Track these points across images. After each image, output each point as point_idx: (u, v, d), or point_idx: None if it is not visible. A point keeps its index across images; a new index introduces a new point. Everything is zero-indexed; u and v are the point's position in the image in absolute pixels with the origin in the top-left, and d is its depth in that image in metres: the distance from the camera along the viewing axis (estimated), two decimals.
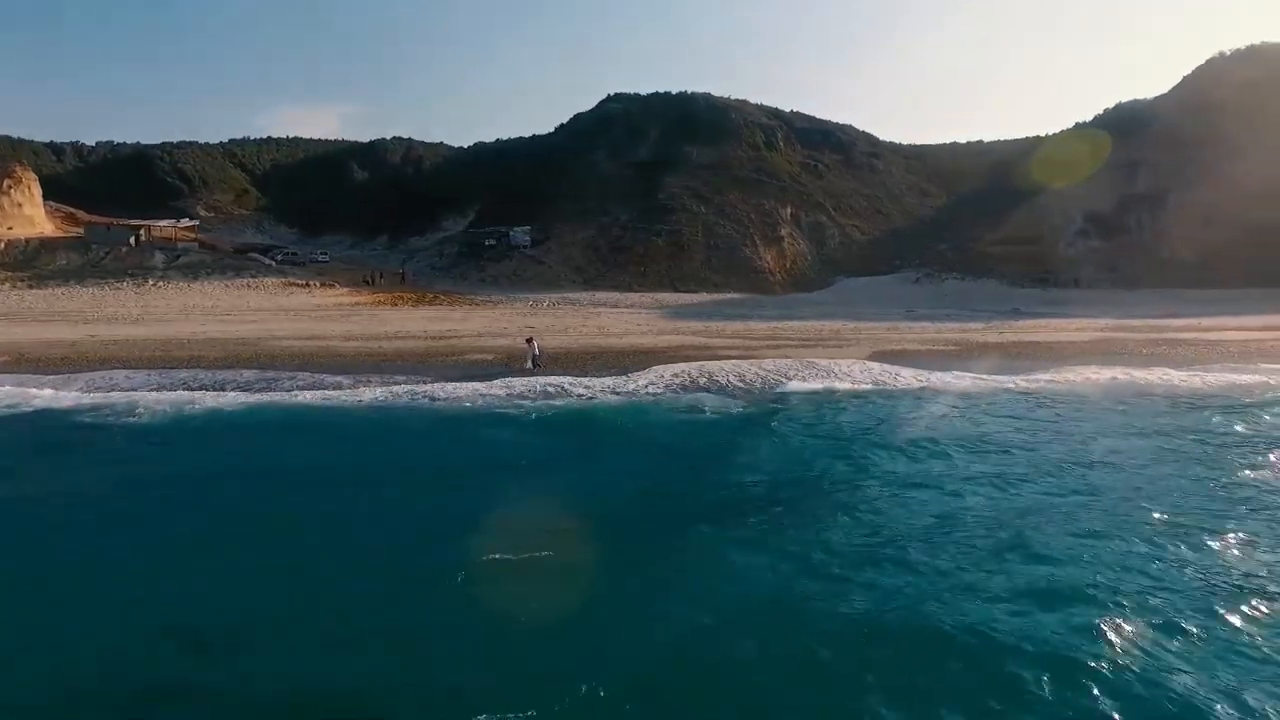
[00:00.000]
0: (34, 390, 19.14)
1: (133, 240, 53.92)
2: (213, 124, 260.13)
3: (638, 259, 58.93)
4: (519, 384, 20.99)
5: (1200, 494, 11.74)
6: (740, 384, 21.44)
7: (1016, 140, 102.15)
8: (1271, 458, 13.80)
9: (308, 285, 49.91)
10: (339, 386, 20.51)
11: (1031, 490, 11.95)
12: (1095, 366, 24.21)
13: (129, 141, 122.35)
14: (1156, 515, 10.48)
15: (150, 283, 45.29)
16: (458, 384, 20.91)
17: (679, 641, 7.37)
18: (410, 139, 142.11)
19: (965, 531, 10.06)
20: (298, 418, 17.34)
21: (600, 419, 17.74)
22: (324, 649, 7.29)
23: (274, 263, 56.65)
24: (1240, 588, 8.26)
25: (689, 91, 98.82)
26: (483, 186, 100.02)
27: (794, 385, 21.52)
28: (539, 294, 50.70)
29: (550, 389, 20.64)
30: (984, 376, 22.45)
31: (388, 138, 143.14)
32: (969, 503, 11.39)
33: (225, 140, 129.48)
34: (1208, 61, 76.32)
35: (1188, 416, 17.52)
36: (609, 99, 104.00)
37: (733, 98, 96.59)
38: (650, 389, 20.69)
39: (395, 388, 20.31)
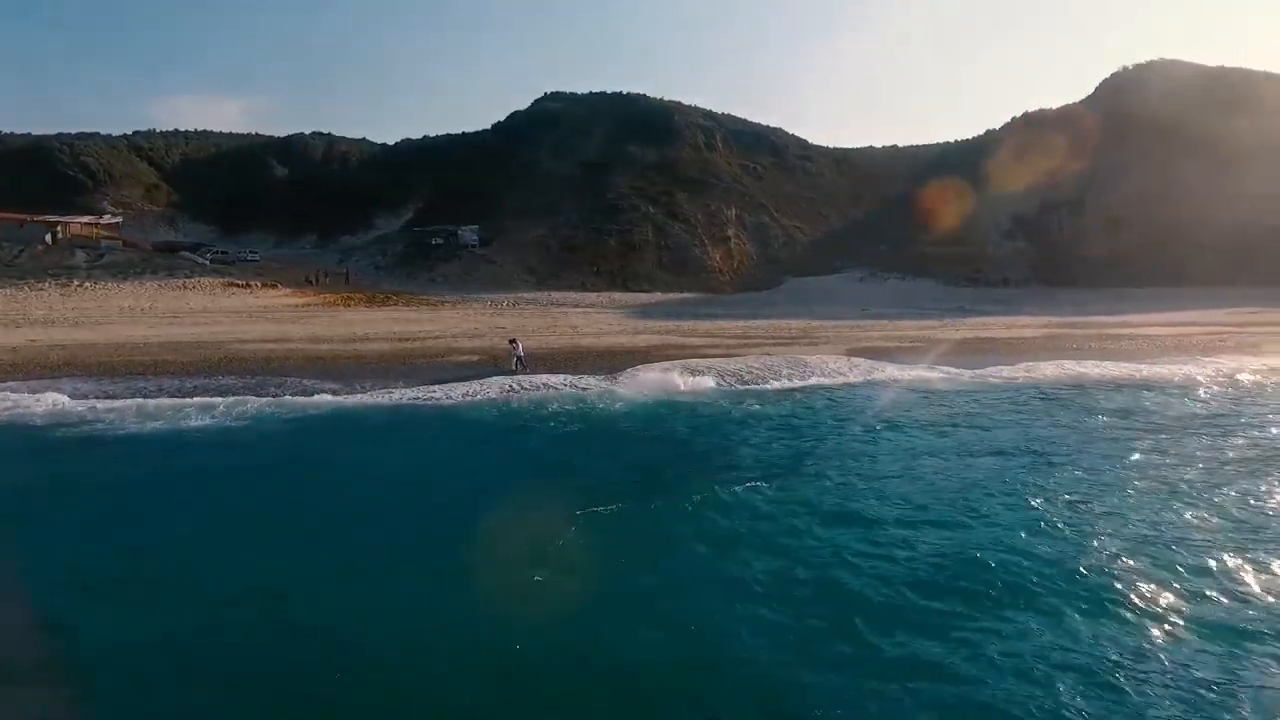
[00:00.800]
0: None
1: (49, 238, 49.93)
2: (96, 114, 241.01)
3: (589, 259, 58.82)
4: (524, 385, 20.80)
5: (1196, 459, 12.86)
6: (739, 382, 21.84)
7: (931, 145, 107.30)
8: (1240, 440, 15.18)
9: (249, 286, 47.49)
10: (336, 392, 19.79)
11: (1045, 463, 12.88)
12: (1059, 361, 25.88)
13: (16, 132, 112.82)
14: (1164, 479, 11.77)
15: (75, 283, 42.03)
16: (456, 386, 20.55)
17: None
18: (331, 134, 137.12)
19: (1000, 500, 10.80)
20: (311, 426, 16.66)
21: (619, 417, 17.74)
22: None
23: (207, 262, 53.66)
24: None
25: (625, 92, 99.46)
26: (419, 184, 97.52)
27: (792, 381, 22.14)
28: (495, 294, 49.90)
29: (554, 389, 20.54)
30: (965, 371, 23.68)
31: (306, 133, 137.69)
32: (983, 474, 12.39)
33: (130, 132, 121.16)
34: (1113, 75, 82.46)
35: (1159, 400, 19.04)
36: (546, 97, 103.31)
37: (666, 99, 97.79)
38: (655, 388, 20.77)
39: (395, 393, 19.80)
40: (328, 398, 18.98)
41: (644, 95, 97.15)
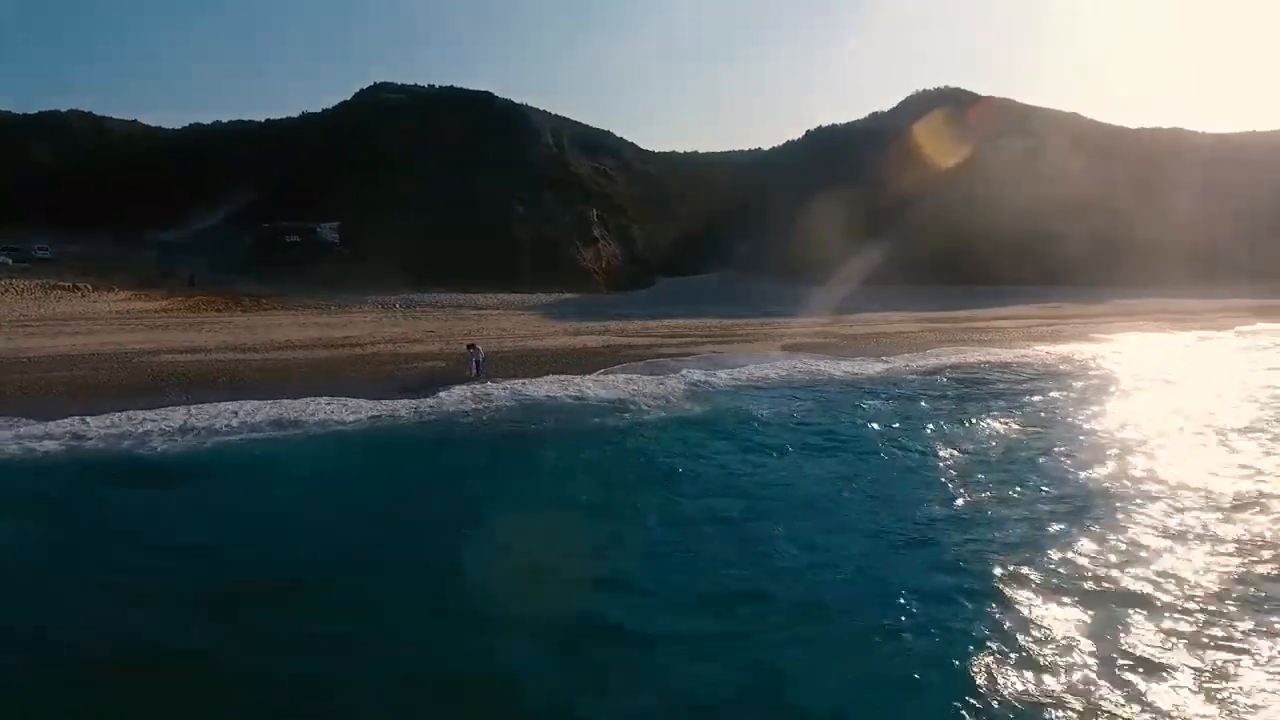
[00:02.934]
0: None
1: None
2: None
3: (463, 259, 56.82)
4: (542, 390, 20.66)
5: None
6: (731, 379, 23.05)
7: (743, 151, 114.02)
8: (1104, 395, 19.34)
9: (78, 289, 40.50)
10: (339, 396, 18.34)
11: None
12: (953, 348, 30.35)
13: None
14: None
15: None
16: (450, 393, 19.99)
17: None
18: (92, 113, 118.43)
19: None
20: (359, 443, 15.55)
21: (668, 421, 18.11)
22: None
23: (9, 261, 44.92)
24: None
25: (451, 85, 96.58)
26: (239, 175, 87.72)
27: (769, 375, 23.94)
28: (379, 296, 46.79)
29: (554, 394, 20.55)
30: (892, 360, 27.07)
31: (63, 110, 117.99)
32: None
33: None
34: (908, 97, 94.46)
35: (1054, 371, 23.36)
36: (380, 86, 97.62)
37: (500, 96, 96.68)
38: (668, 389, 21.30)
39: (400, 403, 18.83)
40: (352, 408, 17.62)
41: (490, 93, 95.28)
